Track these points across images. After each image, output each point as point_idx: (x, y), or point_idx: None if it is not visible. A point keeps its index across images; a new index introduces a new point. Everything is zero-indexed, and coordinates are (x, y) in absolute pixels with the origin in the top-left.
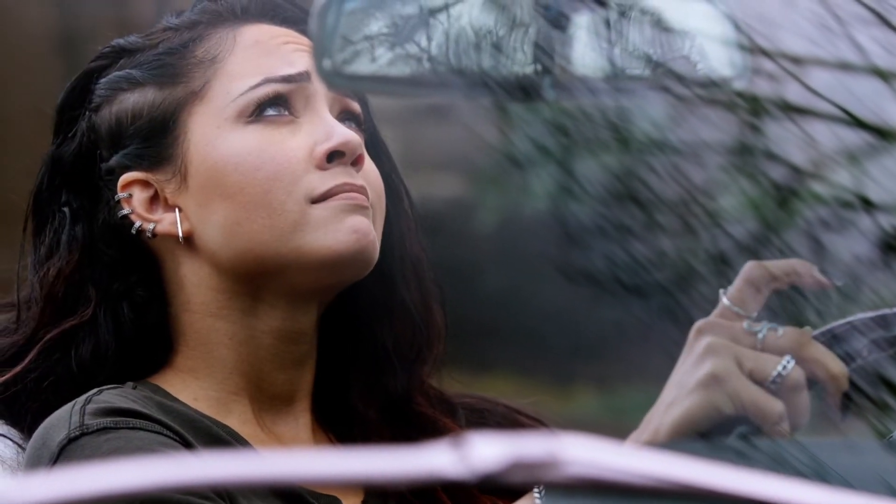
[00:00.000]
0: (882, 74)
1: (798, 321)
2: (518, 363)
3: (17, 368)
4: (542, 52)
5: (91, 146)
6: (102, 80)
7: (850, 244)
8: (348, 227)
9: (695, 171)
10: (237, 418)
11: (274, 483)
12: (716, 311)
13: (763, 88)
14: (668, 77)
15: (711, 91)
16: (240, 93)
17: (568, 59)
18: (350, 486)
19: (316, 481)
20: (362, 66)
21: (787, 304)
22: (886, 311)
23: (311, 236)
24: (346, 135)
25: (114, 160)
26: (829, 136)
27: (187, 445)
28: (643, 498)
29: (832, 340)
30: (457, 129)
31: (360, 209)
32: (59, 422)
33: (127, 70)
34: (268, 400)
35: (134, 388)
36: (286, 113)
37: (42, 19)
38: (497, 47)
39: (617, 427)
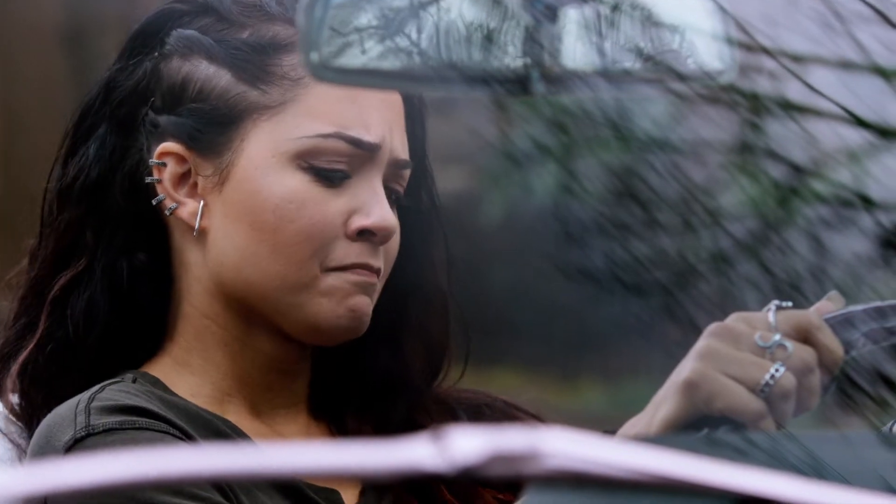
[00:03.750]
0: (883, 73)
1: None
2: (524, 358)
3: (33, 343)
4: (532, 45)
5: (148, 88)
6: (182, 31)
7: (850, 242)
8: (349, 306)
9: (695, 169)
10: (234, 415)
11: (254, 476)
12: (738, 315)
13: (764, 86)
14: (659, 71)
15: (705, 87)
16: (307, 135)
17: (557, 53)
18: (338, 478)
19: (295, 474)
20: (351, 60)
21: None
22: (881, 303)
23: (314, 301)
24: (384, 219)
25: (164, 119)
26: (830, 135)
27: (192, 441)
28: (624, 490)
29: None
30: (457, 123)
31: (367, 288)
32: (64, 421)
33: (210, 39)
34: (264, 401)
35: (134, 381)
36: (340, 169)
37: (50, 13)
38: (487, 41)
39: (623, 421)
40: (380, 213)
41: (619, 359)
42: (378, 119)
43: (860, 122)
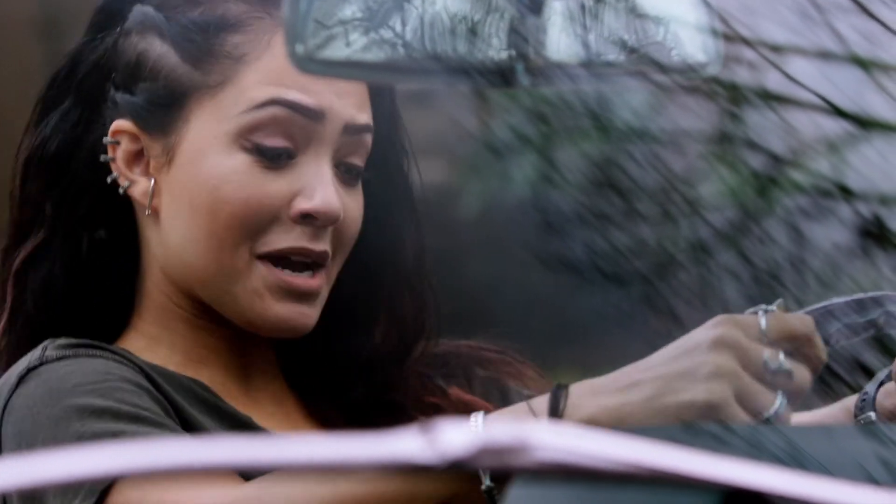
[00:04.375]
0: (862, 63)
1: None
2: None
3: (5, 317)
4: (517, 37)
5: (110, 64)
6: (142, 7)
7: (828, 232)
8: (277, 313)
9: (674, 159)
10: (209, 379)
11: (238, 466)
12: (729, 318)
13: (743, 77)
14: (643, 63)
15: (688, 78)
16: (244, 108)
17: (543, 45)
18: (324, 471)
19: (280, 466)
20: (336, 52)
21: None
22: (861, 295)
23: (247, 296)
24: (326, 203)
25: (120, 97)
26: (810, 125)
27: (149, 379)
28: (613, 483)
29: None
30: (440, 115)
31: (298, 296)
32: (23, 360)
33: (163, 17)
34: (238, 366)
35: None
36: (285, 146)
37: (24, 5)
38: (472, 32)
39: None
40: (322, 196)
41: (598, 349)
42: (322, 83)
43: (839, 112)
